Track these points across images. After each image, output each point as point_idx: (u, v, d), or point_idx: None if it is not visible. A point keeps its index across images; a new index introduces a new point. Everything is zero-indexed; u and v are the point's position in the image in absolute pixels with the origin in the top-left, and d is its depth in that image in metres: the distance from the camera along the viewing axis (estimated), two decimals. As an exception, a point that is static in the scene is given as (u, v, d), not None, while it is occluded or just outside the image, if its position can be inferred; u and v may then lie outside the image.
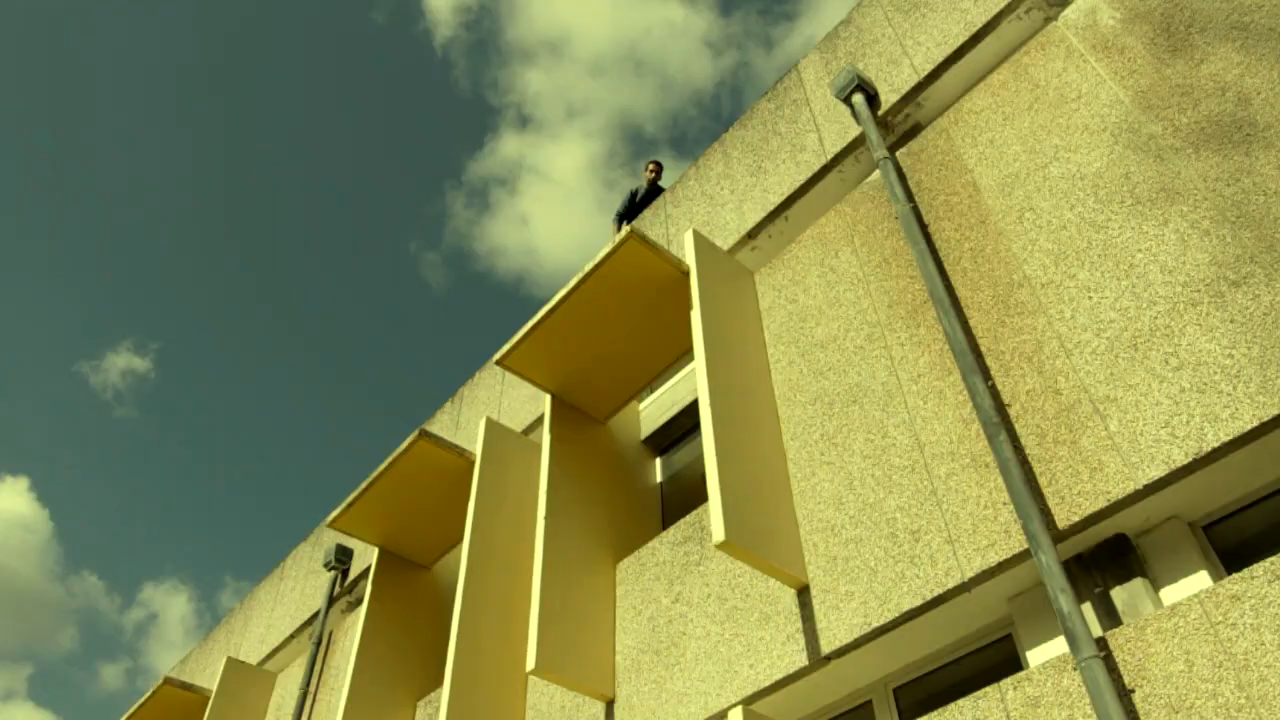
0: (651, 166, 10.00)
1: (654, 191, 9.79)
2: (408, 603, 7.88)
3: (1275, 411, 3.27)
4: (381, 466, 7.49)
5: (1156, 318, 3.78)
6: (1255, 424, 3.30)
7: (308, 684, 8.80)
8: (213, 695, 9.52)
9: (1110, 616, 3.60)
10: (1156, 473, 3.48)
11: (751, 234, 6.16)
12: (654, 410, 7.11)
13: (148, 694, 10.23)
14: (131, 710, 10.37)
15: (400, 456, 7.39)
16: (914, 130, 5.53)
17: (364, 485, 7.60)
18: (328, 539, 10.18)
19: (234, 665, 9.78)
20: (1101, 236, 4.17)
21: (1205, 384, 3.50)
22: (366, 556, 8.96)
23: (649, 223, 7.41)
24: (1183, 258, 3.83)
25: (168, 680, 10.16)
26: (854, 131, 5.64)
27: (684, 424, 6.78)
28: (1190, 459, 3.40)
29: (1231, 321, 3.55)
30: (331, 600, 9.30)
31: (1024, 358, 4.16)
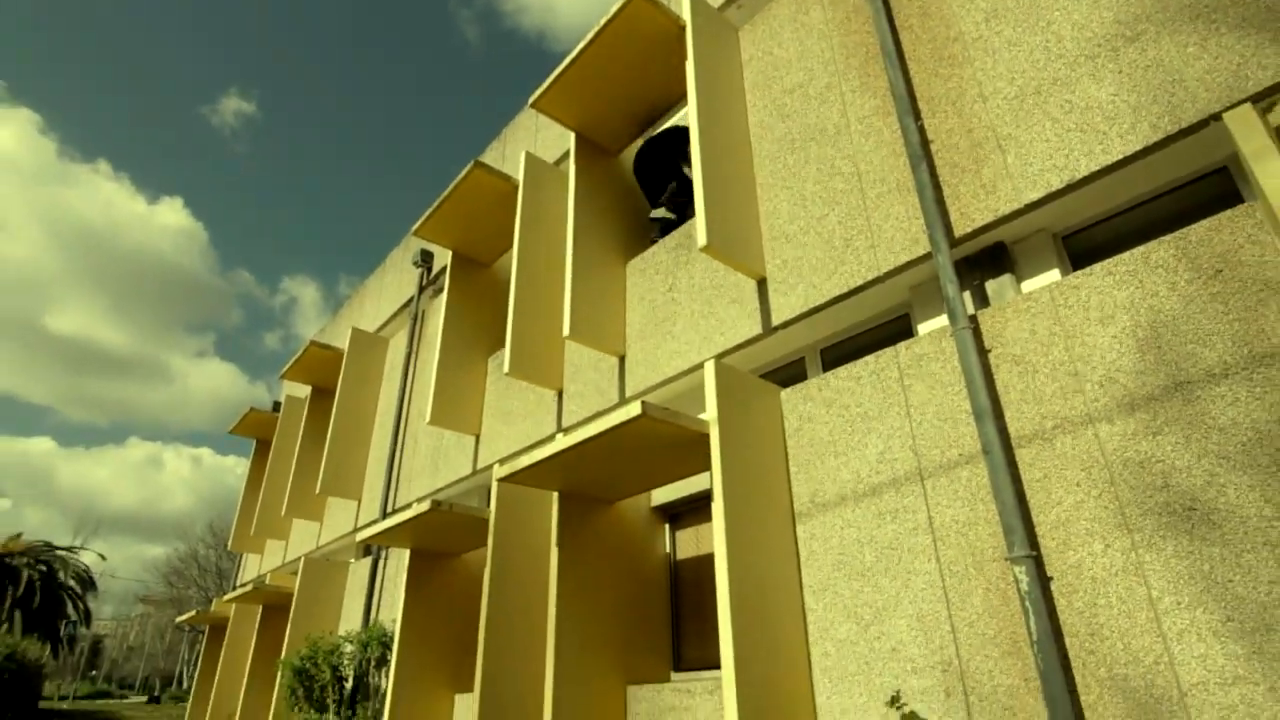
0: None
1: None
2: (477, 290, 8.18)
3: (1137, 148, 3.18)
4: (449, 189, 7.41)
5: (1060, 69, 3.54)
6: (1119, 158, 3.23)
7: (410, 346, 9.40)
8: (345, 353, 10.23)
9: (983, 301, 3.76)
10: (1036, 195, 3.46)
11: (740, -9, 5.57)
12: (657, 145, 6.86)
13: (300, 351, 10.97)
14: (291, 362, 11.17)
15: (461, 182, 7.29)
16: (886, -110, 4.78)
17: (436, 203, 7.57)
18: (414, 244, 10.34)
19: (357, 333, 10.37)
20: (1029, -5, 3.77)
21: (1088, 125, 3.37)
22: (444, 257, 9.15)
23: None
24: (1092, 15, 3.51)
25: (313, 343, 10.83)
26: (833, -108, 4.88)
27: (680, 156, 6.57)
28: (1064, 184, 3.37)
29: (1120, 72, 3.33)
30: (421, 289, 9.66)
31: (949, 103, 3.95)
